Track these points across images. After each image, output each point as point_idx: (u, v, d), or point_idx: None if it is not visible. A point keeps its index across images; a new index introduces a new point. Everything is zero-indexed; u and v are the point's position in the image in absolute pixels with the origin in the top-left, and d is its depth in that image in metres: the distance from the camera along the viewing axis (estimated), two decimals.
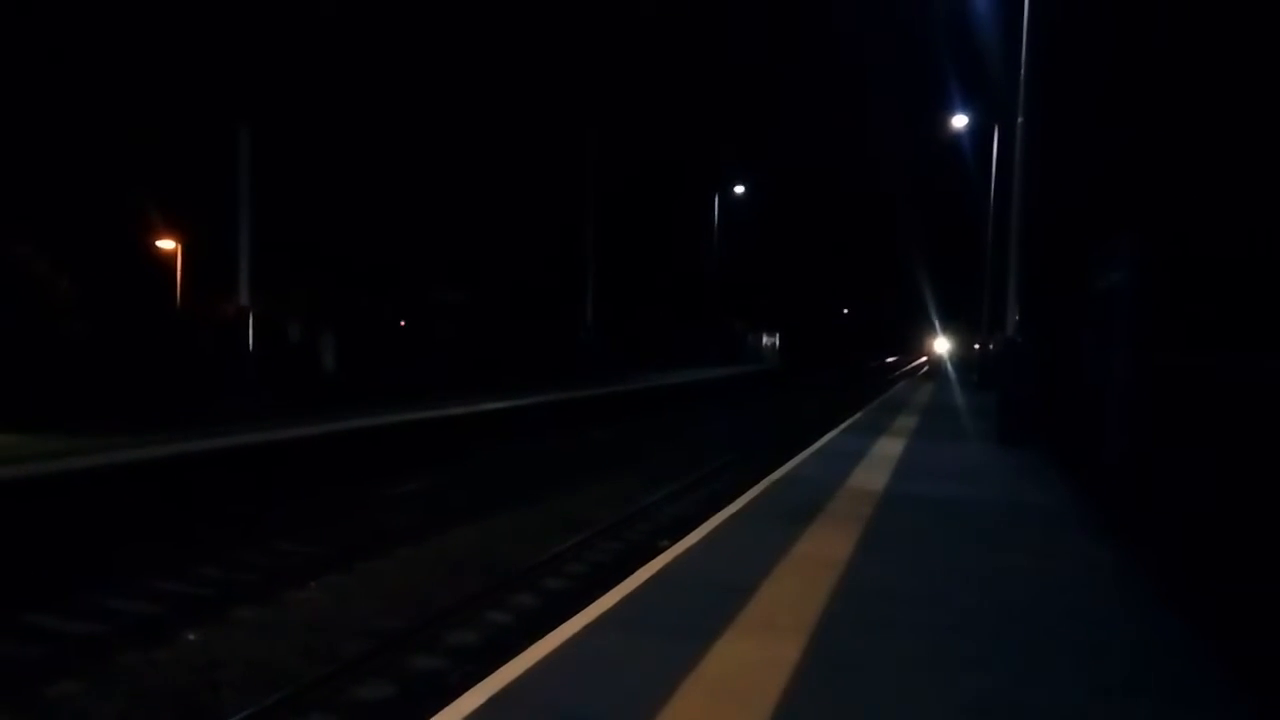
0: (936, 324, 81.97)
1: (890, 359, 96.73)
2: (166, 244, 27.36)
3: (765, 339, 66.89)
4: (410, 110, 30.24)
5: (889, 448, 15.97)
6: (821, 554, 7.70)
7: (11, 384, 13.45)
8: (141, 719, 6.07)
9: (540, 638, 5.53)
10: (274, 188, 21.75)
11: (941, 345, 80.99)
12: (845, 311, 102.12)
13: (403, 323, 26.60)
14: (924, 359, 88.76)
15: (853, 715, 4.49)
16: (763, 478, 12.13)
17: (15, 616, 7.91)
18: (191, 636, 7.62)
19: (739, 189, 50.98)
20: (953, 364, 64.86)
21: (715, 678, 4.87)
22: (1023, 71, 17.27)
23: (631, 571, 7.16)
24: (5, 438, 12.29)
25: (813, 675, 4.95)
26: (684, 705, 4.51)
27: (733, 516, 9.40)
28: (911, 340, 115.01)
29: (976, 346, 37.23)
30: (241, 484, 12.77)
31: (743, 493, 11.00)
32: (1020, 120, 17.48)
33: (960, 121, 33.83)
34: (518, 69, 34.08)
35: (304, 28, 24.57)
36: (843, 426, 20.48)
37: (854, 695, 4.72)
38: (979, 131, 33.52)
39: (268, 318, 18.61)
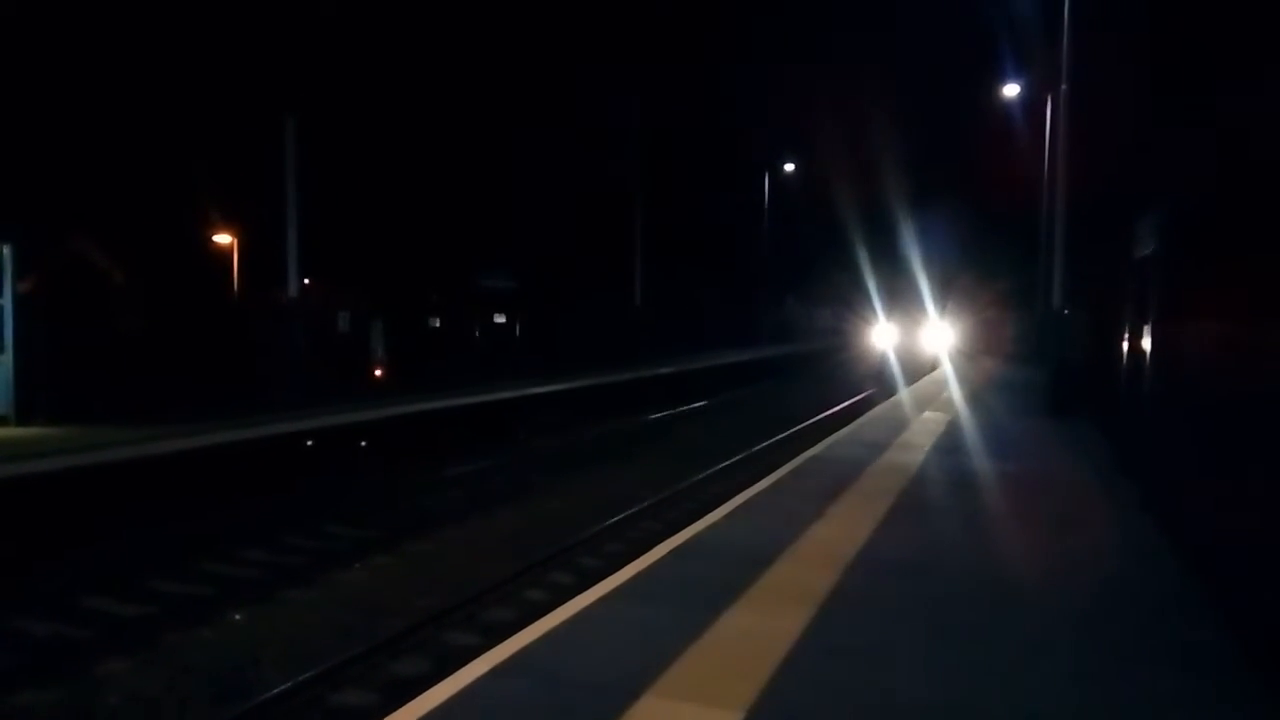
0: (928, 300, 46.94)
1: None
2: (223, 238, 27.97)
3: (819, 317, 66.30)
4: (452, 96, 30.50)
5: (932, 421, 15.93)
6: (842, 530, 7.78)
7: (66, 376, 13.88)
8: (184, 692, 6.37)
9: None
10: (325, 180, 22.16)
11: (885, 334, 49.93)
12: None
13: (452, 309, 26.89)
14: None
15: (839, 691, 4.59)
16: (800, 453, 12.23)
17: (72, 599, 8.27)
18: (237, 617, 7.95)
19: (789, 166, 50.51)
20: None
21: (716, 648, 5.00)
22: (1065, 38, 16.96)
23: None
24: (53, 430, 12.68)
25: (811, 648, 5.05)
26: (680, 672, 4.65)
27: (761, 493, 9.50)
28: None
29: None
30: (289, 470, 13.15)
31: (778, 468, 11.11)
32: (1063, 88, 17.21)
33: (1011, 90, 33.30)
34: (559, 49, 34.16)
35: (344, 17, 24.93)
36: (891, 400, 20.45)
37: (845, 671, 4.82)
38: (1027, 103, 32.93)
39: (318, 308, 19.02)
